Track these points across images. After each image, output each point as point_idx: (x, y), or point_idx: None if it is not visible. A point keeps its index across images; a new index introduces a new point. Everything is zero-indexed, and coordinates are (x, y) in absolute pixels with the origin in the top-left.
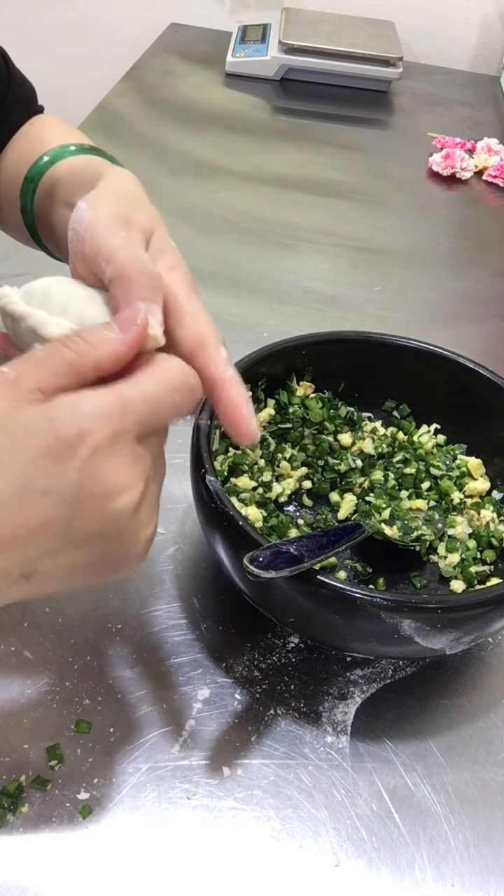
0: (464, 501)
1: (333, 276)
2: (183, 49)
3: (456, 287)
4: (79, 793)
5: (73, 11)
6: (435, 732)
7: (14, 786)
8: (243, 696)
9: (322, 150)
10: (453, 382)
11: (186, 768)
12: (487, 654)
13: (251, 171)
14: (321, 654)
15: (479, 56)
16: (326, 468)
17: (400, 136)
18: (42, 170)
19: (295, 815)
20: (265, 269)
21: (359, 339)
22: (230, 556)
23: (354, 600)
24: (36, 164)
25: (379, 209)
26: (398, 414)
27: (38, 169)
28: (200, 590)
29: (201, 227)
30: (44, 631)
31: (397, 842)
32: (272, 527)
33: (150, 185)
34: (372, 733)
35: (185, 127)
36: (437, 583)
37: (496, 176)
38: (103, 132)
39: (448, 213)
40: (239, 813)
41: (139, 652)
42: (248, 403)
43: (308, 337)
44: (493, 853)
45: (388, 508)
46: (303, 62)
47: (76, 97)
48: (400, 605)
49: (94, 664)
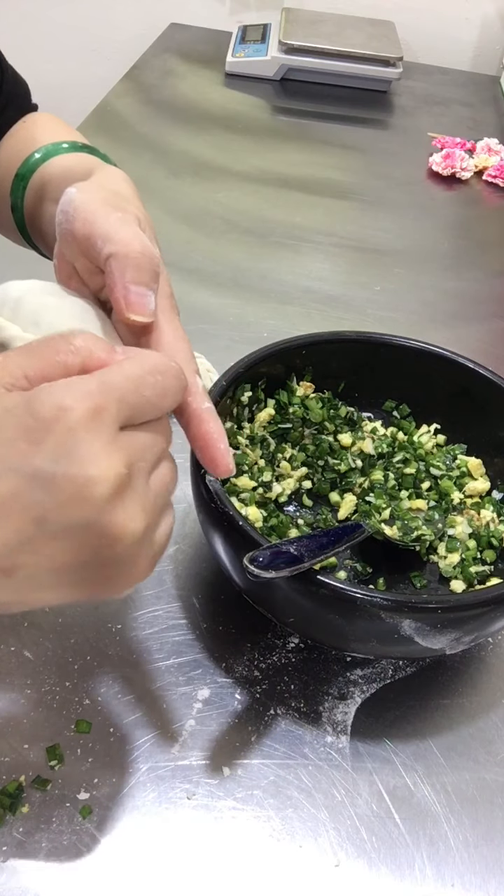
0: (464, 501)
1: (333, 276)
2: (183, 49)
3: (456, 287)
4: (79, 793)
5: (73, 11)
6: (435, 732)
7: (14, 786)
8: (243, 696)
9: (322, 150)
10: (453, 382)
11: (186, 768)
12: (487, 654)
13: (251, 171)
14: (321, 654)
15: (479, 56)
16: (326, 468)
17: (400, 136)
18: (33, 167)
19: (295, 815)
20: (265, 269)
21: (359, 339)
22: (230, 556)
23: (354, 600)
24: (27, 161)
25: (379, 209)
26: (398, 414)
27: (30, 166)
28: (200, 590)
29: (201, 227)
30: (44, 631)
31: (397, 842)
32: (272, 527)
33: (150, 185)
34: (372, 733)
35: (185, 127)
36: (437, 583)
37: (496, 176)
38: (103, 132)
39: (448, 213)
40: (239, 813)
41: (139, 652)
42: (224, 437)
43: (308, 337)
44: (493, 853)
45: (388, 508)
46: (303, 62)
47: (76, 97)
48: (400, 605)
49: (94, 664)
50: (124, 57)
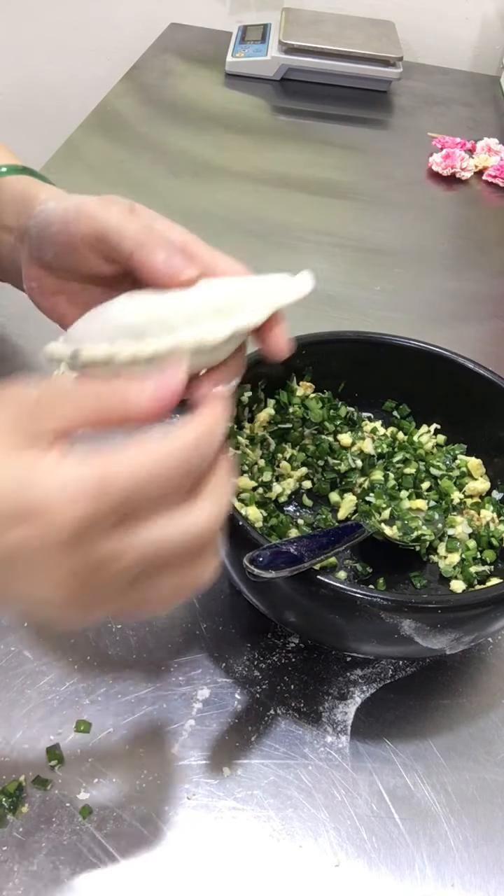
0: (464, 501)
1: (333, 276)
2: (183, 49)
3: (456, 287)
4: (79, 793)
5: (73, 11)
6: (435, 732)
7: (14, 786)
8: (243, 696)
9: (322, 150)
10: (453, 382)
11: (186, 768)
12: (487, 654)
13: (251, 171)
14: (321, 654)
15: (479, 56)
16: (326, 468)
17: (400, 136)
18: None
19: (295, 815)
20: (265, 269)
21: (359, 339)
22: (230, 556)
23: (354, 600)
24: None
25: (379, 209)
26: (398, 414)
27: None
28: (200, 590)
29: (201, 227)
30: (44, 631)
31: (397, 842)
32: (272, 527)
33: (150, 185)
34: (372, 733)
35: (185, 127)
36: (437, 583)
37: (496, 176)
38: (103, 132)
39: (448, 213)
40: (239, 813)
41: (139, 652)
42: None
43: (308, 337)
44: (493, 853)
45: (388, 508)
46: (303, 62)
47: (76, 97)
48: (400, 605)
49: (94, 664)
50: (124, 57)
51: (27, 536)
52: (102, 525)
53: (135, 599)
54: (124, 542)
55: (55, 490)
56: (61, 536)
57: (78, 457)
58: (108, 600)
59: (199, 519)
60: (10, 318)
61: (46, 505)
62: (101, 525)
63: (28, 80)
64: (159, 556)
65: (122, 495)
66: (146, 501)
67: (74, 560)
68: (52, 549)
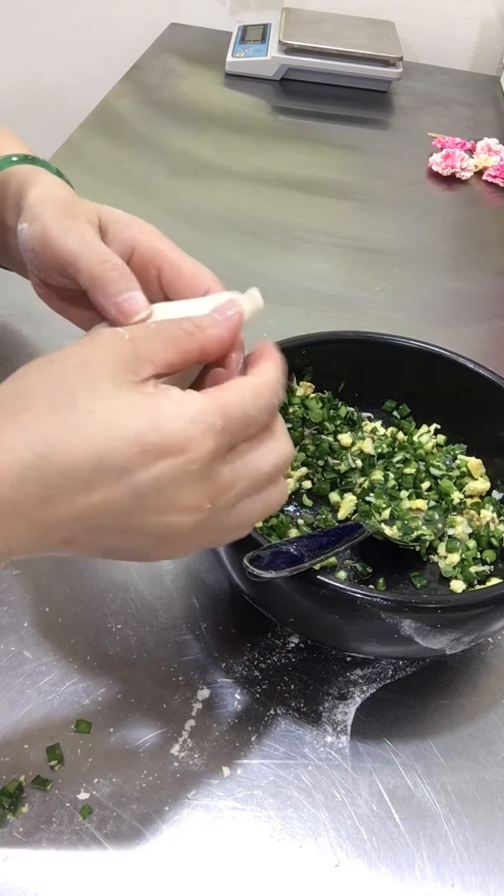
0: (464, 501)
1: (333, 276)
2: (183, 49)
3: (456, 287)
4: (79, 793)
5: (73, 11)
6: (435, 732)
7: (14, 786)
8: (243, 696)
9: (322, 150)
10: (453, 382)
11: (186, 768)
12: (487, 654)
13: (251, 171)
14: (321, 654)
15: (479, 56)
16: (326, 468)
17: (400, 136)
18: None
19: (295, 815)
20: (265, 269)
21: (359, 339)
22: (230, 556)
23: (354, 600)
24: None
25: (379, 209)
26: (398, 414)
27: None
28: (200, 590)
29: (201, 227)
30: (44, 631)
31: (397, 842)
32: (272, 527)
33: (150, 185)
34: (372, 733)
35: (185, 127)
36: (437, 583)
37: (496, 176)
38: (103, 132)
39: (448, 213)
40: (239, 813)
41: (139, 652)
42: None
43: (308, 337)
44: (493, 853)
45: (388, 508)
46: (303, 62)
47: (76, 97)
48: (400, 605)
49: (94, 664)
50: (124, 57)
51: (171, 466)
52: (223, 453)
53: (237, 522)
54: (238, 467)
55: (188, 425)
56: (198, 465)
57: (194, 393)
58: (222, 523)
59: (284, 445)
60: (9, 318)
61: (184, 439)
62: (223, 453)
63: (28, 80)
64: (259, 481)
65: (237, 426)
66: (251, 430)
67: (208, 486)
68: (192, 478)
